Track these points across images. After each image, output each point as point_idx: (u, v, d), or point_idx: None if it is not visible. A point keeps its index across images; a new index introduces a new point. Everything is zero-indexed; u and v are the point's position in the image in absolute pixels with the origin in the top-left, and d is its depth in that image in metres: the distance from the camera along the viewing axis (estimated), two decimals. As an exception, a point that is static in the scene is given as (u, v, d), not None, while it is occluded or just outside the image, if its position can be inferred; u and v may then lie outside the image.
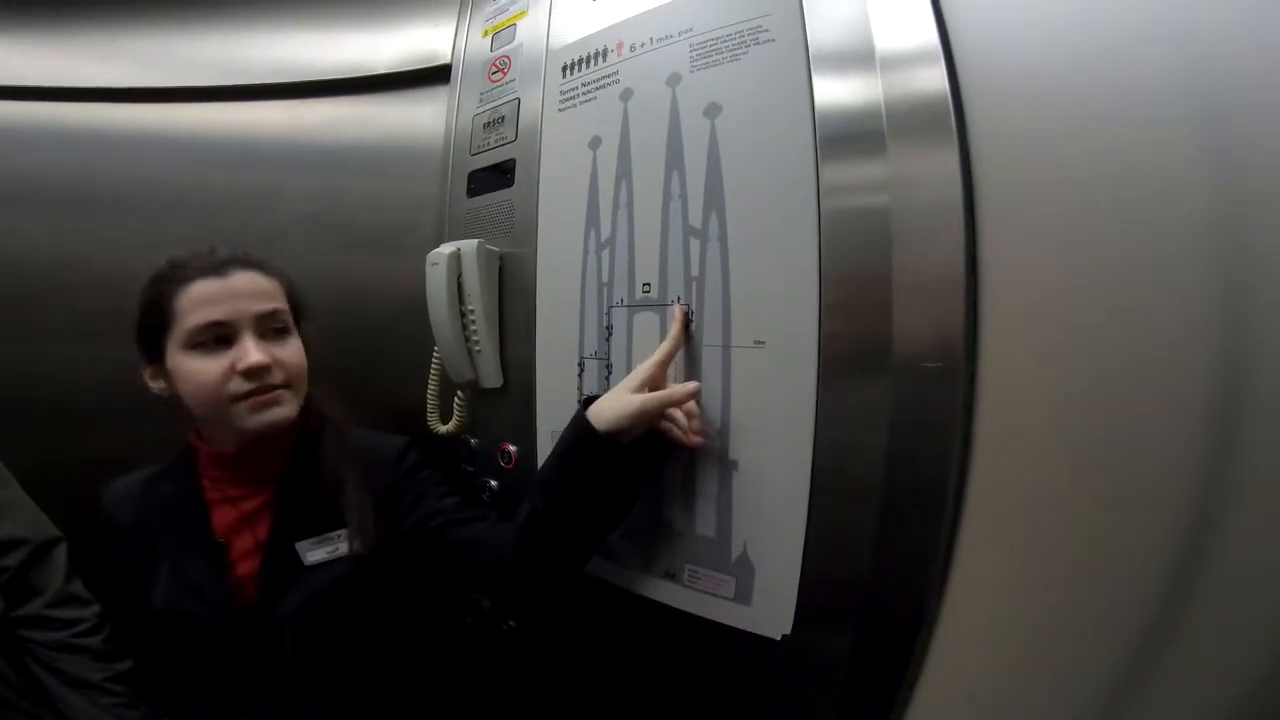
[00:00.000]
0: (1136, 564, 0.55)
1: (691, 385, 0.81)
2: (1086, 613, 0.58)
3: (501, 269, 1.07)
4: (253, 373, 0.83)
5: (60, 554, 0.98)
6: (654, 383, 0.81)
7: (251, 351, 0.83)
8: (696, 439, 0.81)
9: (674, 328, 0.83)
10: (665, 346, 0.82)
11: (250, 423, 0.85)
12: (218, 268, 0.85)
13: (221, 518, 0.91)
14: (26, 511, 0.98)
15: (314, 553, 0.91)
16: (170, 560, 0.90)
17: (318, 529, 0.91)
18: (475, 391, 1.13)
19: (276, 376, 0.86)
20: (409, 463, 0.99)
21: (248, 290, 0.86)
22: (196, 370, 0.84)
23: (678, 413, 0.81)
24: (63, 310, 1.19)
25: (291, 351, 0.89)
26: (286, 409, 0.88)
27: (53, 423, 1.16)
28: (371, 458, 0.97)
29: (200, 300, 0.83)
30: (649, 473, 0.86)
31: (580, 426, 0.81)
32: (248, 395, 0.84)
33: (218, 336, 0.84)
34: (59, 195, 1.21)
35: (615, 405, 0.79)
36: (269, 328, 0.87)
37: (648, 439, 0.81)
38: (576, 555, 0.89)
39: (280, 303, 0.89)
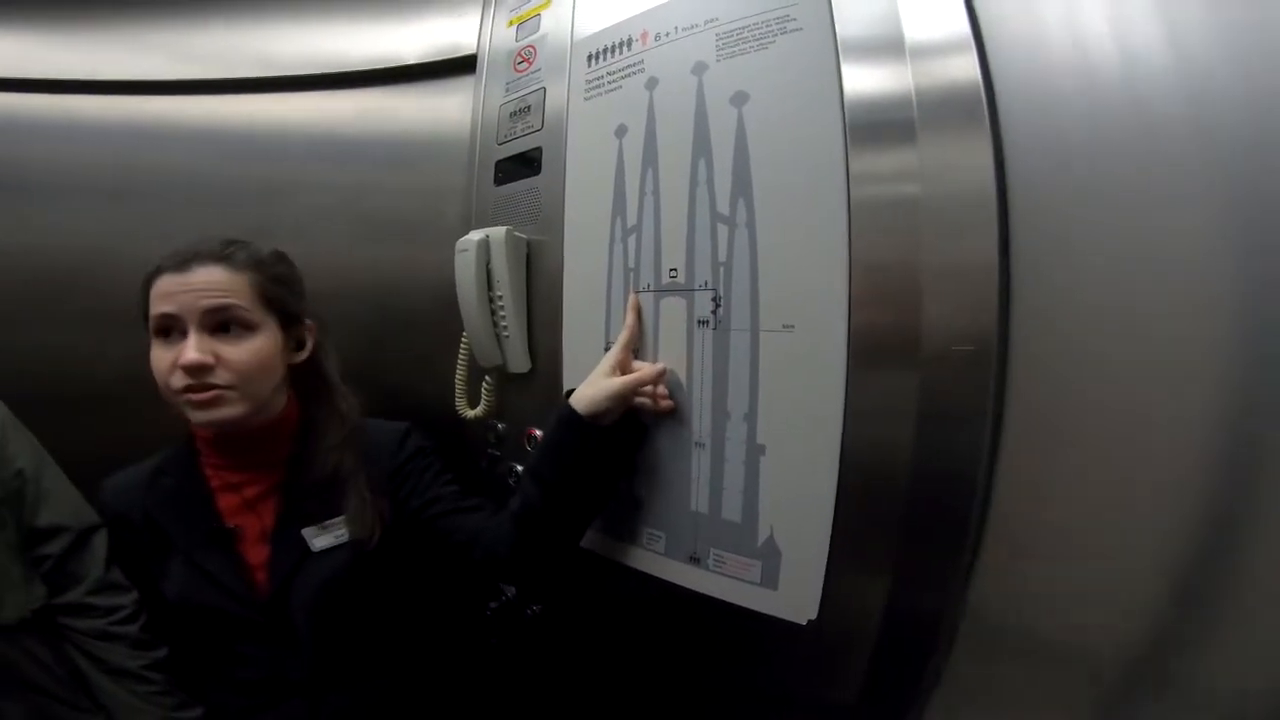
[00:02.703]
0: (1165, 554, 0.56)
1: (659, 366, 0.89)
2: (1113, 604, 0.59)
3: (529, 256, 1.09)
4: (187, 370, 0.83)
5: (100, 541, 0.99)
6: (622, 367, 0.89)
7: (188, 349, 0.83)
8: (666, 404, 0.88)
9: (629, 316, 0.91)
10: (624, 335, 0.90)
11: (194, 418, 0.86)
12: (183, 262, 0.86)
13: (226, 504, 0.93)
14: (68, 499, 0.99)
15: (320, 539, 0.92)
16: (181, 551, 0.91)
17: (322, 515, 0.93)
18: (503, 376, 1.14)
19: (219, 376, 0.85)
20: (409, 448, 1.00)
21: (200, 286, 0.85)
22: (154, 359, 0.86)
23: (648, 387, 0.88)
24: (94, 299, 1.21)
25: (241, 351, 0.86)
26: (227, 410, 0.86)
27: (83, 409, 1.18)
28: (372, 444, 0.98)
29: (160, 293, 0.86)
30: (628, 454, 0.92)
31: (564, 414, 0.87)
32: (185, 391, 0.84)
33: (171, 329, 0.85)
34: (91, 186, 1.23)
35: (592, 390, 0.87)
36: (218, 323, 0.86)
37: (624, 422, 0.89)
38: (567, 539, 0.94)
39: (235, 299, 0.87)
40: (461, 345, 1.15)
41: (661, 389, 0.88)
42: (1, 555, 0.89)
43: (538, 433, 1.09)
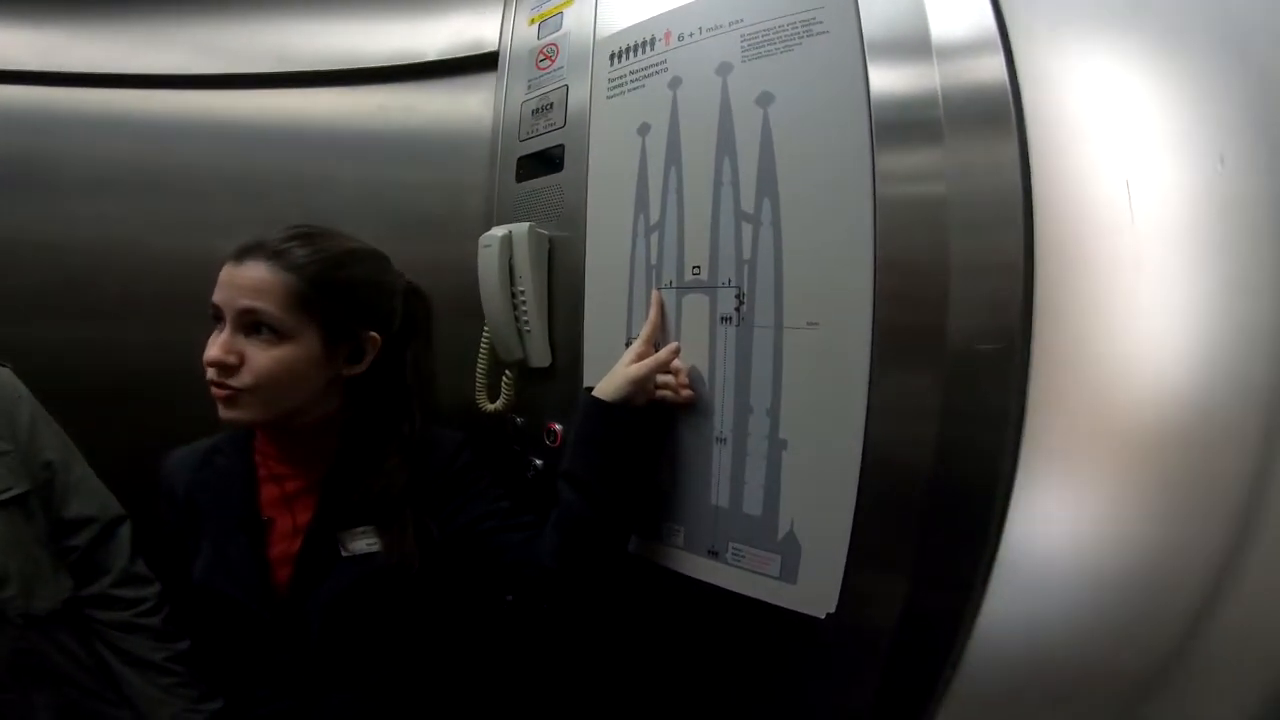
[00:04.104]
0: (1183, 562, 0.56)
1: (673, 345, 0.91)
2: (1132, 608, 0.59)
3: (551, 252, 1.10)
4: (208, 364, 0.82)
5: (125, 533, 1.01)
6: (642, 359, 0.90)
7: (212, 345, 0.82)
8: (687, 393, 0.89)
9: (652, 311, 0.93)
10: (646, 329, 0.92)
11: (219, 412, 0.85)
12: (242, 252, 0.84)
13: (267, 495, 0.92)
14: (95, 491, 1.01)
15: (354, 544, 0.90)
16: (213, 534, 0.91)
17: (360, 520, 0.90)
18: (523, 371, 1.15)
19: (241, 378, 0.82)
20: (461, 462, 0.97)
21: (242, 283, 0.82)
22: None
23: (669, 377, 0.90)
24: (123, 292, 1.23)
25: (265, 357, 0.82)
26: (242, 411, 0.83)
27: (110, 402, 1.19)
28: (424, 453, 0.95)
29: (218, 281, 0.84)
30: (655, 444, 0.93)
31: (589, 405, 0.89)
32: (211, 384, 0.83)
33: (219, 318, 0.84)
34: (116, 179, 1.25)
35: (614, 379, 0.89)
36: (251, 324, 0.83)
37: (648, 412, 0.90)
38: (612, 540, 0.92)
39: (264, 304, 0.82)
40: (483, 339, 1.15)
41: (683, 378, 0.89)
42: (32, 546, 0.91)
43: (557, 427, 1.10)
